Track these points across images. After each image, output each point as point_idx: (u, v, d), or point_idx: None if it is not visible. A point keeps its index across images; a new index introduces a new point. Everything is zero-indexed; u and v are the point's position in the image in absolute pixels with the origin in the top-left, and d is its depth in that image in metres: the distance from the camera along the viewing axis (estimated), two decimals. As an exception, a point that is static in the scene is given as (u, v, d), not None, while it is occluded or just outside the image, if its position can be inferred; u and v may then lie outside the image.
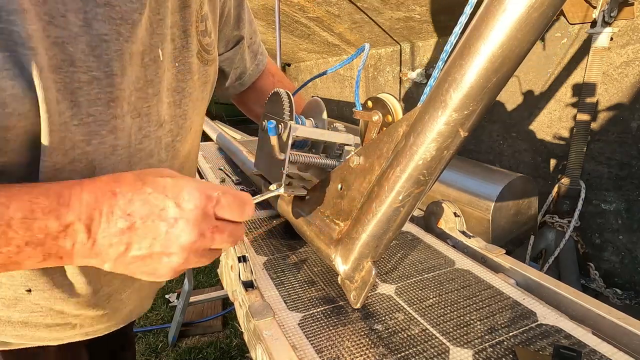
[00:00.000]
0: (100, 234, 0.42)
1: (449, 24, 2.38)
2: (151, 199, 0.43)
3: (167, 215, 0.43)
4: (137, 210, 0.43)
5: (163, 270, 0.46)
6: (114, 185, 0.43)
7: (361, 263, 0.66)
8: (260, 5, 3.02)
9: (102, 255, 0.43)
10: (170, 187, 0.45)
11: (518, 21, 0.43)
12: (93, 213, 0.42)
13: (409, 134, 0.57)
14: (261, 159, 0.97)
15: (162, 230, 0.43)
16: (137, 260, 0.44)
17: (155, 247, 0.44)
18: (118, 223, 0.42)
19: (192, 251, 0.45)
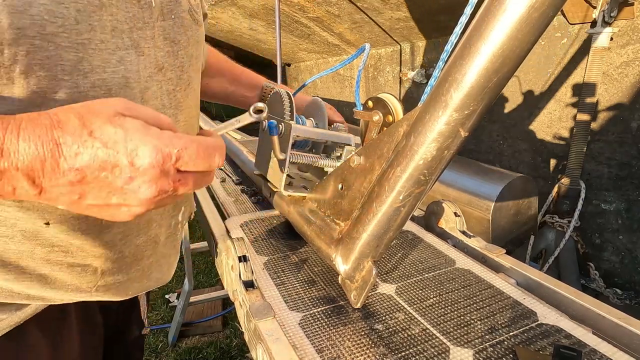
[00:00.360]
0: (46, 183, 0.40)
1: (449, 24, 2.38)
2: (100, 154, 0.40)
3: (121, 173, 0.41)
4: (86, 166, 0.40)
5: (123, 216, 0.45)
6: (56, 132, 0.40)
7: (362, 263, 0.66)
8: (260, 5, 3.02)
9: (53, 200, 0.42)
10: (121, 141, 0.41)
11: (518, 21, 0.43)
12: (34, 165, 0.39)
13: (409, 133, 0.57)
14: (261, 159, 0.97)
15: (118, 185, 0.41)
16: (94, 207, 0.43)
17: (112, 200, 0.42)
18: (67, 176, 0.40)
19: (154, 203, 0.44)
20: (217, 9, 3.25)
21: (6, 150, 0.38)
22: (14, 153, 0.38)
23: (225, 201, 1.18)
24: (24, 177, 0.39)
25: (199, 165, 0.44)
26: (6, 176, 0.39)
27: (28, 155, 0.39)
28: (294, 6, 2.79)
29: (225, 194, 1.25)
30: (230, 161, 1.64)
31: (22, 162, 0.38)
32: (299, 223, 0.85)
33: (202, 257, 3.04)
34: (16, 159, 0.38)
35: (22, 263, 0.52)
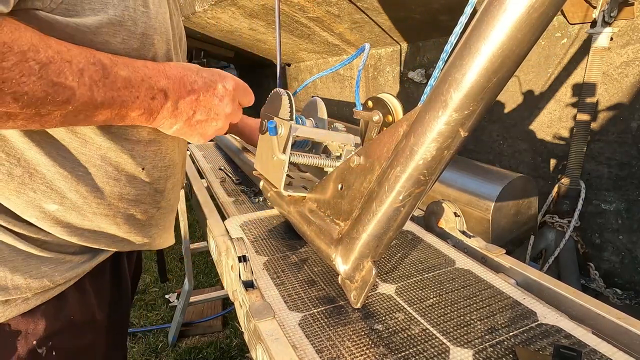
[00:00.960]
0: (179, 102, 0.61)
1: (449, 24, 2.37)
2: (207, 81, 0.65)
3: (218, 92, 0.66)
4: (200, 88, 0.63)
5: (210, 131, 0.68)
6: (182, 69, 0.63)
7: (361, 263, 0.66)
8: (260, 6, 3.02)
9: (177, 117, 0.62)
10: (217, 73, 0.67)
11: (518, 21, 0.43)
12: (175, 87, 0.60)
13: (409, 133, 0.57)
14: (261, 158, 0.97)
15: (215, 102, 0.65)
16: (199, 123, 0.65)
17: (210, 114, 0.66)
18: (191, 95, 0.62)
19: (229, 119, 0.69)
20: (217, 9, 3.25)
21: (161, 76, 0.59)
22: (166, 78, 0.60)
23: (225, 201, 1.18)
24: (171, 95, 0.60)
25: (246, 98, 0.73)
26: (160, 95, 0.59)
27: (173, 80, 0.60)
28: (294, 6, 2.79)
29: (225, 194, 1.25)
30: (230, 161, 1.64)
31: (170, 84, 0.60)
32: (299, 223, 0.85)
33: (202, 257, 3.04)
34: (167, 81, 0.59)
35: (120, 204, 0.67)
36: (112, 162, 0.64)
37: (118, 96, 0.53)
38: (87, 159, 0.62)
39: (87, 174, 0.62)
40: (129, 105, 0.55)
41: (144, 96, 0.56)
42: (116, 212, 0.68)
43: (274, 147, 0.84)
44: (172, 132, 0.65)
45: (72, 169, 0.61)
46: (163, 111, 0.60)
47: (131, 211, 0.70)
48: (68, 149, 0.60)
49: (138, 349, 2.17)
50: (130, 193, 0.68)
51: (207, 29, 4.09)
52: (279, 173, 0.85)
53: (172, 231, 0.86)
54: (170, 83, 0.59)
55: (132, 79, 0.54)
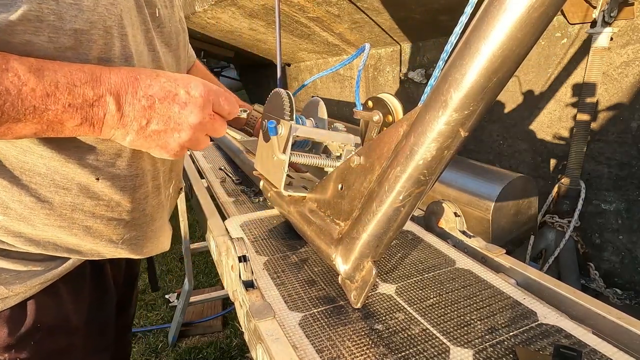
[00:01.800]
0: (127, 108, 0.53)
1: (449, 24, 2.37)
2: (166, 85, 0.56)
3: (179, 99, 0.57)
4: (155, 93, 0.55)
5: (173, 144, 0.59)
6: (135, 72, 0.55)
7: (362, 263, 0.66)
8: (260, 6, 3.02)
9: (127, 127, 0.55)
10: (180, 78, 0.58)
11: (518, 21, 0.43)
12: (120, 91, 0.53)
13: (409, 133, 0.57)
14: (261, 158, 0.97)
15: (175, 110, 0.56)
16: (155, 134, 0.57)
17: (170, 124, 0.57)
18: (142, 101, 0.54)
19: (197, 130, 0.59)
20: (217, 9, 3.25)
21: (103, 80, 0.52)
22: (108, 82, 0.52)
23: (225, 201, 1.18)
24: (113, 100, 0.52)
25: (225, 109, 0.62)
26: (101, 101, 0.52)
27: (117, 83, 0.53)
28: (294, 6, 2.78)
29: (225, 194, 1.25)
30: (230, 161, 1.64)
31: (113, 87, 0.52)
32: (299, 223, 0.85)
33: (202, 257, 3.04)
34: (109, 86, 0.52)
35: (74, 215, 0.63)
36: (60, 172, 0.59)
37: (42, 105, 0.47)
38: (31, 168, 0.57)
39: (32, 183, 0.58)
40: (60, 116, 0.49)
41: (79, 104, 0.50)
42: (71, 223, 0.63)
43: (274, 147, 0.84)
44: (127, 144, 0.58)
45: (13, 178, 0.57)
46: (107, 120, 0.53)
47: (89, 223, 0.65)
48: (7, 158, 0.56)
49: (138, 349, 2.17)
50: (85, 204, 0.63)
51: (207, 29, 4.08)
52: (279, 173, 0.85)
53: (162, 238, 0.83)
54: (115, 88, 0.52)
55: (61, 84, 0.48)
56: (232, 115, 0.64)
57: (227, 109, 0.62)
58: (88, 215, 0.64)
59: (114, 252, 0.71)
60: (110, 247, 0.70)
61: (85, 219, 0.64)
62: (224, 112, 0.62)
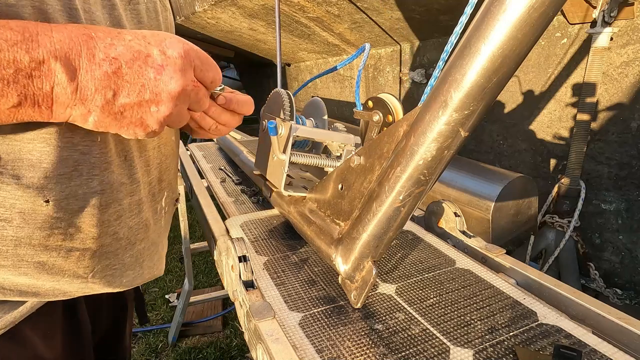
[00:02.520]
0: (83, 76, 0.39)
1: (449, 24, 2.38)
2: (134, 44, 0.42)
3: (154, 62, 0.43)
4: (121, 55, 0.41)
5: (151, 120, 0.45)
6: (87, 29, 0.41)
7: (362, 263, 0.66)
8: (260, 5, 3.02)
9: (87, 102, 0.41)
10: (149, 35, 0.44)
11: (518, 21, 0.43)
12: (69, 53, 0.39)
13: (409, 133, 0.57)
14: (261, 159, 0.97)
15: (150, 76, 0.43)
16: (126, 108, 0.43)
17: (145, 95, 0.43)
18: (103, 66, 0.40)
19: (179, 101, 0.46)
20: (217, 9, 3.25)
21: (41, 39, 0.37)
22: (49, 41, 0.37)
23: (225, 201, 1.18)
24: (62, 68, 0.38)
25: (209, 73, 0.49)
26: (45, 68, 0.37)
27: (64, 44, 0.38)
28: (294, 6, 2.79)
29: (225, 194, 1.25)
30: (230, 161, 1.64)
31: (59, 49, 0.38)
32: (299, 223, 0.85)
33: (202, 257, 3.04)
34: (52, 47, 0.37)
35: (20, 251, 0.48)
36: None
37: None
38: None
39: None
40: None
41: (11, 75, 0.36)
42: (17, 261, 0.48)
43: (274, 147, 0.84)
44: (91, 126, 0.44)
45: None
46: (58, 94, 0.39)
47: (42, 258, 0.50)
48: None
49: (138, 349, 2.17)
50: (33, 236, 0.48)
51: (207, 29, 4.09)
52: (279, 173, 0.85)
53: (151, 263, 0.67)
54: (62, 49, 0.38)
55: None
56: (215, 84, 0.51)
57: (211, 75, 0.49)
58: (39, 249, 0.49)
59: (83, 289, 0.57)
60: (77, 283, 0.55)
61: (36, 254, 0.49)
62: (207, 79, 0.49)
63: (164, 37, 0.45)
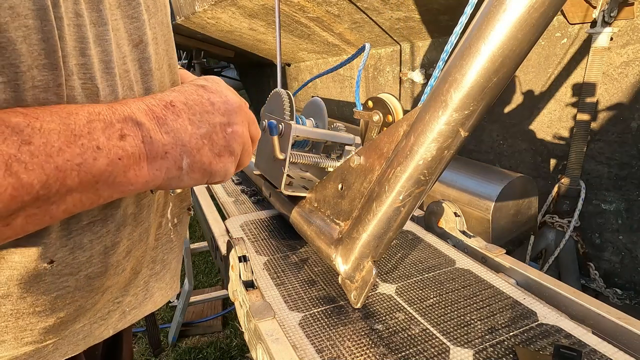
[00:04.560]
0: (165, 121, 0.40)
1: (449, 24, 2.38)
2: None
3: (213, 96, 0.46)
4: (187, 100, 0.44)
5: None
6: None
7: (362, 263, 0.66)
8: (260, 6, 3.02)
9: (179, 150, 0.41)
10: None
11: (518, 21, 0.43)
12: (145, 105, 0.41)
13: (409, 133, 0.57)
14: (261, 159, 0.97)
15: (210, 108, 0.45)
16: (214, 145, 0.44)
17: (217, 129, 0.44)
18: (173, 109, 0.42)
19: None
20: (217, 9, 3.25)
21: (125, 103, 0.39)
22: (126, 103, 0.39)
23: (225, 201, 1.18)
24: (145, 119, 0.38)
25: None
26: (131, 123, 0.37)
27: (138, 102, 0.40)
28: (294, 6, 2.78)
29: (225, 194, 1.25)
30: (230, 161, 1.64)
31: (136, 104, 0.39)
32: (299, 223, 0.85)
33: (202, 257, 3.04)
34: (133, 106, 0.38)
35: (21, 322, 0.44)
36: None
37: (65, 162, 0.32)
38: None
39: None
40: (92, 167, 0.33)
41: (106, 141, 0.34)
42: (19, 332, 0.44)
43: (274, 147, 0.84)
44: (191, 184, 0.43)
45: None
46: (152, 146, 0.37)
47: (49, 322, 0.45)
48: None
49: (138, 349, 2.17)
50: (37, 303, 0.42)
51: (207, 29, 4.08)
52: (279, 173, 0.85)
53: (162, 284, 0.61)
54: (132, 105, 0.38)
55: (74, 125, 0.33)
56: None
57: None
58: (45, 315, 0.45)
59: (95, 339, 0.53)
60: (88, 338, 0.52)
61: (42, 320, 0.45)
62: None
63: (197, 78, 0.47)
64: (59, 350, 0.49)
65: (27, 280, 0.41)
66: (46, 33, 0.34)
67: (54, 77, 0.35)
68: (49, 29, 0.34)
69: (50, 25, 0.34)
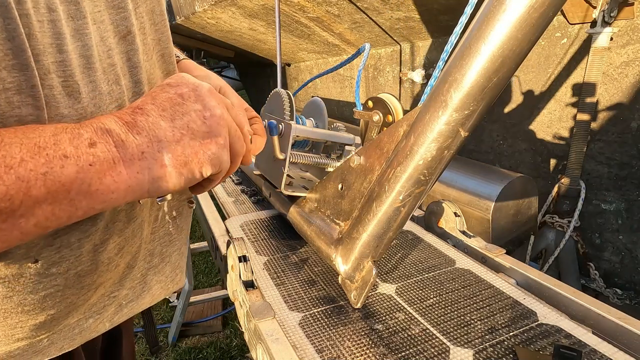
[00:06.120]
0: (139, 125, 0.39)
1: (449, 24, 2.38)
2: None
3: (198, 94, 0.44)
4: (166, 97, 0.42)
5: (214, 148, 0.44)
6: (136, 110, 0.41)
7: (362, 263, 0.66)
8: (260, 5, 3.02)
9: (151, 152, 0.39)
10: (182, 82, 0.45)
11: (518, 21, 0.43)
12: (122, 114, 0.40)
13: (409, 133, 0.57)
14: (261, 158, 0.97)
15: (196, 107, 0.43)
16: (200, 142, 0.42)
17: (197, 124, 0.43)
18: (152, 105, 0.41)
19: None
20: (217, 9, 3.25)
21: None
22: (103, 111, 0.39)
23: (225, 201, 1.18)
24: (115, 127, 0.37)
25: None
26: (102, 133, 0.36)
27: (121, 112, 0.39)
28: (294, 6, 2.78)
29: (225, 194, 1.25)
30: (230, 161, 1.64)
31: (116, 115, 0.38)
32: (299, 223, 0.85)
33: (202, 257, 3.04)
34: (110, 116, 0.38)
35: (10, 321, 0.43)
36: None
37: (28, 172, 0.31)
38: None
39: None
40: (60, 176, 0.32)
41: (74, 150, 0.33)
42: (8, 330, 0.43)
43: (274, 147, 0.84)
44: (183, 183, 0.41)
45: None
46: (125, 149, 0.36)
47: (39, 319, 0.44)
48: None
49: (138, 349, 2.17)
50: (25, 302, 0.42)
51: (207, 29, 4.09)
52: (279, 173, 0.85)
53: (162, 277, 0.60)
54: (100, 117, 0.37)
55: (37, 138, 0.32)
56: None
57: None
58: (35, 313, 0.44)
59: (91, 333, 0.53)
60: (83, 333, 0.51)
61: (32, 318, 0.44)
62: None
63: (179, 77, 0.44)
64: (54, 345, 0.49)
65: (10, 280, 0.40)
66: (10, 32, 0.32)
67: (25, 77, 0.33)
68: (14, 27, 0.32)
69: (14, 23, 0.32)
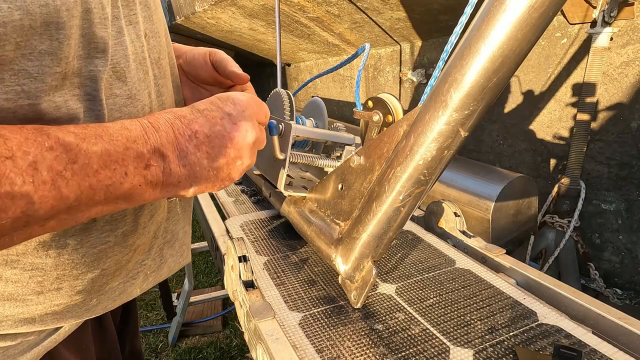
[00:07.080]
0: (186, 154, 0.45)
1: (449, 24, 2.38)
2: (208, 113, 0.50)
3: (230, 123, 0.50)
4: (202, 126, 0.48)
5: (236, 173, 0.52)
6: (173, 114, 0.47)
7: (362, 263, 0.66)
8: (260, 5, 3.02)
9: (189, 175, 0.47)
10: (217, 99, 0.52)
11: (518, 21, 0.43)
12: (169, 137, 0.45)
13: (409, 133, 0.57)
14: (261, 158, 0.97)
15: (231, 135, 0.50)
16: (219, 170, 0.49)
17: (230, 153, 0.50)
18: (193, 141, 0.46)
19: (256, 148, 0.54)
20: (217, 9, 3.25)
21: (154, 128, 0.43)
22: (157, 130, 0.44)
23: (225, 201, 1.18)
24: (169, 151, 0.44)
25: (262, 114, 0.55)
26: (156, 156, 0.42)
27: (166, 129, 0.44)
28: (294, 6, 2.78)
29: (225, 194, 1.25)
30: (230, 161, 1.64)
31: (164, 135, 0.44)
32: (299, 223, 0.85)
33: (202, 257, 3.04)
34: (158, 135, 0.43)
35: (63, 284, 0.49)
36: None
37: (98, 182, 0.37)
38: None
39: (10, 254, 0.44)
40: (117, 189, 0.39)
41: (134, 169, 0.40)
42: (72, 281, 0.50)
43: (274, 147, 0.84)
44: (191, 195, 0.49)
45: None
46: (169, 177, 0.43)
47: (95, 273, 0.52)
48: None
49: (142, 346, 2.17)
50: (87, 253, 0.49)
51: (207, 29, 4.09)
52: (279, 173, 0.85)
53: (173, 251, 0.67)
54: (163, 135, 0.43)
55: (112, 151, 0.39)
56: (267, 118, 0.57)
57: (264, 113, 0.56)
58: (91, 267, 0.51)
59: (122, 299, 0.60)
60: (119, 297, 0.58)
61: (85, 273, 0.51)
62: (263, 119, 0.56)
63: (229, 96, 0.51)
64: (101, 304, 0.57)
65: (79, 233, 0.48)
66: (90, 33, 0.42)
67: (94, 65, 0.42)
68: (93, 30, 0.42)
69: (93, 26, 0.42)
